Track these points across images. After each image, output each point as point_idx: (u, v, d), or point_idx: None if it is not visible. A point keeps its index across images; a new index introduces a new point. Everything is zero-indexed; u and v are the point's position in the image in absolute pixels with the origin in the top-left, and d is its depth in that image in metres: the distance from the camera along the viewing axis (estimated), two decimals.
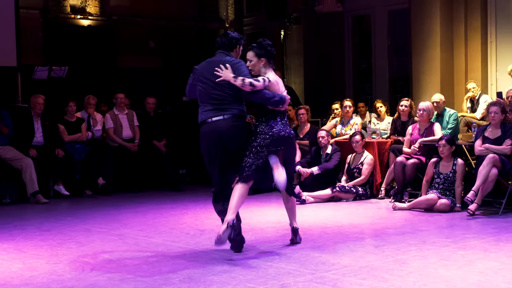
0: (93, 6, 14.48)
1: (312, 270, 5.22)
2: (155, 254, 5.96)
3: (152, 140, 11.00)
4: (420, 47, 11.76)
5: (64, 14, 14.14)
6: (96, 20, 14.57)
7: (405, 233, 6.76)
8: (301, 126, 10.51)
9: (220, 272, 5.19)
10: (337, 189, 9.16)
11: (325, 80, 14.36)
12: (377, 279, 4.90)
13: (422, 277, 4.94)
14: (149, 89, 12.67)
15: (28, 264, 5.67)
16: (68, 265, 5.58)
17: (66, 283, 4.99)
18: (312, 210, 8.46)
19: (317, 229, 7.07)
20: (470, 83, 10.69)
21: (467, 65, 11.58)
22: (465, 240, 6.35)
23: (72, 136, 10.40)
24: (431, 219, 7.64)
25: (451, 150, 8.30)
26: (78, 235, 6.97)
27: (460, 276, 4.96)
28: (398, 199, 8.72)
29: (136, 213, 8.46)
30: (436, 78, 11.52)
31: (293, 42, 14.67)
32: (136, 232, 7.10)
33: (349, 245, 6.16)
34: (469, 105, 10.64)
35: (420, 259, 5.53)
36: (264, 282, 4.88)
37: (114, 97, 11.01)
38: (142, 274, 5.22)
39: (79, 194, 10.21)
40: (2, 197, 9.49)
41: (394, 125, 9.88)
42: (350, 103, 10.43)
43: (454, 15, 11.62)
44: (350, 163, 9.51)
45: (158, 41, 15.08)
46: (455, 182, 8.19)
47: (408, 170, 8.84)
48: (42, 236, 6.95)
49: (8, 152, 9.69)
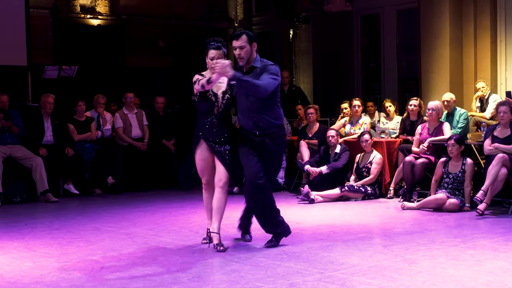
0: (102, 6, 14.54)
1: (320, 269, 5.23)
2: (164, 253, 5.98)
3: (161, 140, 11.03)
4: (429, 46, 11.73)
5: (74, 13, 14.21)
6: (105, 20, 14.63)
7: (414, 232, 6.76)
8: (310, 125, 10.51)
9: (229, 271, 5.21)
10: (346, 188, 9.16)
11: (334, 80, 14.36)
12: (386, 279, 4.90)
13: (431, 277, 4.94)
14: (158, 89, 12.71)
15: (38, 262, 5.70)
16: (77, 264, 5.60)
17: (76, 282, 5.01)
18: (321, 210, 8.46)
19: (325, 229, 7.07)
20: (479, 83, 10.66)
21: (476, 64, 11.54)
22: (474, 240, 6.34)
23: (82, 136, 10.44)
24: (440, 218, 7.63)
25: (460, 150, 8.28)
26: (88, 234, 7.00)
27: (469, 276, 4.95)
28: (407, 198, 8.72)
29: (145, 212, 8.49)
30: (445, 78, 11.49)
31: (302, 41, 14.67)
32: (145, 231, 7.12)
33: (358, 245, 6.16)
34: (478, 105, 10.61)
35: (429, 259, 5.53)
36: (273, 281, 4.89)
37: (124, 96, 11.04)
38: (151, 273, 5.24)
39: (89, 193, 10.25)
40: (12, 196, 9.54)
41: (403, 124, 9.86)
42: (359, 103, 10.42)
43: (464, 13, 11.59)
44: (359, 162, 9.51)
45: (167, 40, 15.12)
46: (464, 181, 8.18)
47: (417, 170, 8.83)
48: (52, 235, 6.98)
49: (18, 151, 9.74)
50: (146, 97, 13.19)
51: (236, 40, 5.92)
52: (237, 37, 5.94)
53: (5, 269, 5.47)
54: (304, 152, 10.13)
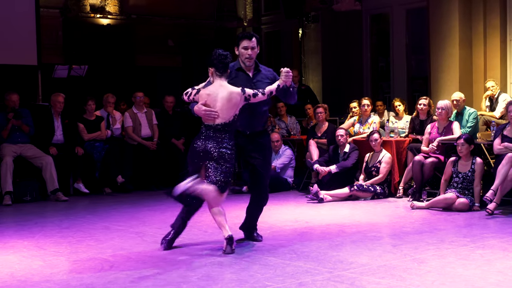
0: (112, 5, 14.58)
1: (330, 268, 5.23)
2: (173, 251, 5.99)
3: (170, 139, 11.06)
4: (438, 45, 11.69)
5: (83, 13, 14.26)
6: (115, 19, 14.66)
7: (423, 232, 6.75)
8: (319, 124, 10.51)
9: (238, 270, 5.22)
10: (355, 188, 9.15)
11: (343, 79, 14.34)
12: (395, 278, 4.90)
13: (441, 277, 4.93)
14: (167, 88, 12.73)
15: (48, 261, 5.73)
16: (87, 262, 5.63)
17: (85, 280, 5.04)
18: (330, 209, 8.46)
19: (335, 228, 7.07)
20: (489, 82, 10.62)
21: (486, 63, 11.49)
22: (484, 239, 6.32)
23: (92, 135, 10.47)
24: (449, 218, 7.61)
25: (469, 149, 8.26)
26: (97, 233, 7.03)
27: (479, 276, 4.94)
28: (416, 198, 8.70)
29: (155, 211, 8.51)
30: (455, 77, 11.45)
31: (311, 41, 14.66)
32: (155, 230, 7.14)
33: (367, 244, 6.16)
34: (488, 104, 10.57)
35: (439, 259, 5.52)
36: (282, 280, 4.90)
37: (133, 95, 11.07)
38: (161, 271, 5.26)
39: (99, 192, 10.29)
40: (22, 194, 9.59)
41: (412, 123, 9.85)
42: (368, 102, 10.41)
43: (473, 12, 11.55)
44: (368, 161, 9.50)
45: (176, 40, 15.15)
46: (473, 181, 8.16)
47: (426, 169, 8.82)
48: (61, 234, 7.02)
49: (29, 150, 9.79)
50: (155, 97, 13.22)
51: (250, 41, 6.11)
52: (250, 38, 6.13)
53: (16, 268, 5.51)
54: (313, 151, 10.13)
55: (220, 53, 5.90)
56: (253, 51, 6.11)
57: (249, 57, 6.12)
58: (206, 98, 5.89)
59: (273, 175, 9.50)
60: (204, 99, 5.90)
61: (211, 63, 5.94)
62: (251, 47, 6.10)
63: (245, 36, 6.16)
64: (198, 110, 5.93)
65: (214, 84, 5.92)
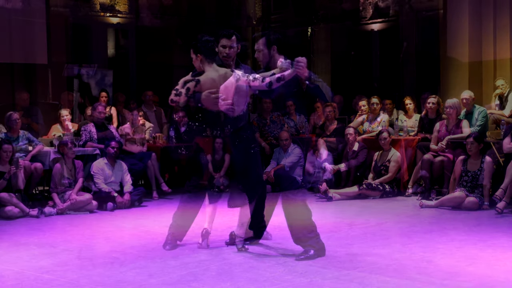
0: (122, 4, 14.60)
1: (339, 267, 5.24)
2: (182, 250, 6.01)
3: None
4: (448, 44, 11.67)
5: (93, 11, 14.28)
6: (125, 18, 14.69)
7: (432, 231, 6.75)
8: (328, 123, 10.51)
9: (248, 269, 5.23)
10: (364, 186, 9.15)
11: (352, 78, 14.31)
12: (404, 277, 4.90)
13: (450, 275, 4.93)
14: None
15: (59, 259, 5.76)
16: (97, 261, 5.66)
17: (95, 278, 5.06)
18: (339, 207, 8.46)
19: (344, 226, 7.08)
20: (499, 80, 10.59)
21: (495, 62, 11.46)
22: (493, 238, 6.31)
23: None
24: (458, 217, 7.60)
25: (479, 148, 8.24)
26: (107, 231, 7.06)
27: (488, 275, 4.94)
28: (425, 196, 8.69)
29: (164, 210, 8.52)
30: (465, 75, 11.42)
31: (321, 39, 14.64)
32: (164, 229, 7.14)
33: (376, 243, 6.16)
34: (497, 102, 10.54)
35: (448, 257, 5.52)
36: (291, 279, 4.91)
37: (143, 94, 11.10)
38: (170, 270, 5.28)
39: None
40: None
41: (421, 122, 9.83)
42: (377, 100, 10.40)
43: (483, 12, 11.51)
44: (377, 160, 9.49)
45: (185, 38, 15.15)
46: (483, 180, 8.14)
47: (435, 168, 8.80)
48: (72, 232, 7.05)
49: None
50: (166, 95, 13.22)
51: (229, 39, 6.00)
52: (229, 36, 6.01)
53: (26, 266, 5.54)
54: (322, 150, 10.12)
55: (207, 39, 5.81)
56: (230, 50, 5.97)
57: (226, 55, 5.97)
58: (214, 86, 5.69)
59: (282, 174, 9.48)
60: (212, 87, 5.69)
61: (198, 50, 5.80)
62: (229, 46, 5.96)
63: (224, 35, 6.00)
64: (220, 103, 5.65)
65: (210, 71, 5.75)
